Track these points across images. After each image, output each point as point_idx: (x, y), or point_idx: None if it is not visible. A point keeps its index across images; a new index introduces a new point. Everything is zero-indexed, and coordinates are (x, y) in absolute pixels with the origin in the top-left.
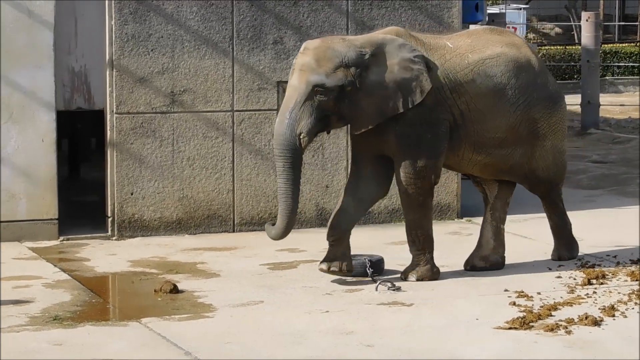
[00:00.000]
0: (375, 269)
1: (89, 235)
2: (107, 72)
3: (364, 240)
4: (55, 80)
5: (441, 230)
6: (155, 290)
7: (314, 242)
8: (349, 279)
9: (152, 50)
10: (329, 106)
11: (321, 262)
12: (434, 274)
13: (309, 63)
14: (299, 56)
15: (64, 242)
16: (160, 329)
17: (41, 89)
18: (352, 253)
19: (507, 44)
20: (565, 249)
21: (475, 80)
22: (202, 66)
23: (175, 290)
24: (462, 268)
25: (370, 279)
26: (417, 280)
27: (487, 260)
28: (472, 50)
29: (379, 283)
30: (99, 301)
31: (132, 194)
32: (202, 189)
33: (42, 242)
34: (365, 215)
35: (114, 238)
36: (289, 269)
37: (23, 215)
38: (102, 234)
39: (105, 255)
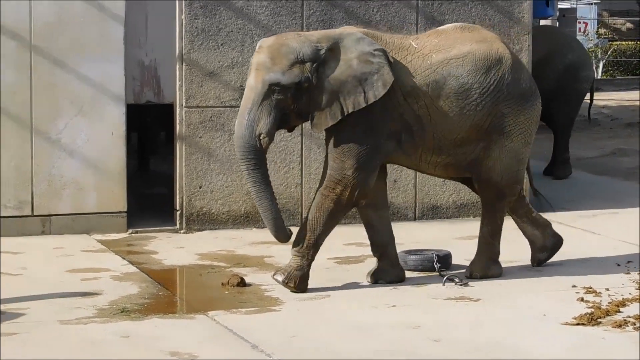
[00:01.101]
0: (442, 263)
1: (157, 228)
2: (177, 66)
3: (432, 235)
4: (125, 74)
5: (506, 225)
6: (222, 284)
7: None
8: (415, 273)
9: (221, 45)
10: (287, 104)
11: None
12: (299, 285)
13: (264, 61)
14: (255, 55)
15: (133, 234)
16: (227, 322)
17: (111, 82)
18: (419, 248)
19: (477, 41)
20: (479, 267)
21: (437, 81)
22: None
23: (242, 283)
24: (529, 263)
25: (437, 273)
26: (284, 282)
27: (546, 249)
28: (438, 50)
29: (446, 278)
30: (166, 294)
31: (200, 188)
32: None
33: (111, 235)
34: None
35: (182, 231)
36: (355, 263)
37: (92, 208)
38: (170, 227)
39: (173, 248)
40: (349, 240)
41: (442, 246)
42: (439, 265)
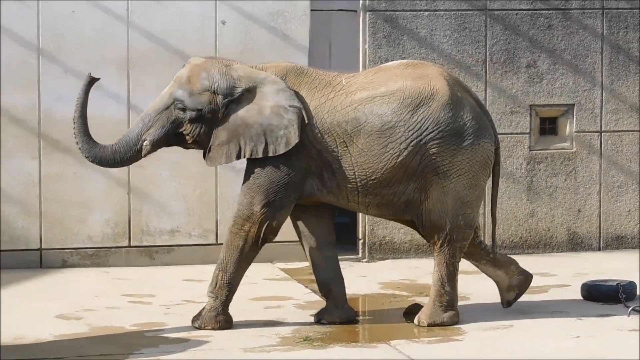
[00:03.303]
0: (627, 294)
1: (340, 256)
2: None
3: (615, 265)
4: None
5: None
6: (404, 312)
7: (565, 266)
8: (600, 304)
9: None
10: (185, 125)
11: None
12: (217, 326)
13: (181, 77)
14: (182, 68)
15: None
16: (409, 351)
17: None
18: (604, 278)
19: (413, 78)
20: (426, 314)
21: (358, 119)
22: None
23: None
24: None
25: (622, 304)
26: (199, 327)
27: (513, 288)
28: (365, 87)
29: (632, 309)
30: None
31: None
32: None
33: (294, 263)
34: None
35: (364, 260)
36: (539, 293)
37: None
38: (352, 256)
39: (355, 277)
40: (532, 271)
41: (627, 277)
42: (623, 296)
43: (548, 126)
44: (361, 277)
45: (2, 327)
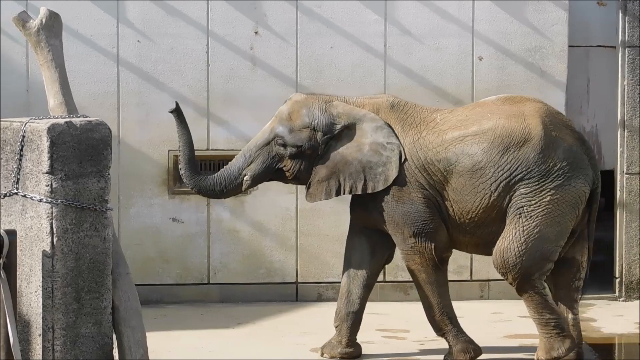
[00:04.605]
0: None
1: (596, 295)
2: (618, 133)
3: None
4: None
5: None
6: None
7: None
8: None
9: None
10: (285, 161)
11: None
12: (468, 354)
13: (283, 112)
14: (283, 104)
15: None
16: None
17: None
18: None
19: (508, 116)
20: (541, 349)
21: (449, 159)
22: None
23: None
24: None
25: None
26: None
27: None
28: (458, 126)
29: None
30: None
31: None
32: None
33: None
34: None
35: (621, 299)
36: None
37: None
38: (609, 295)
39: (611, 316)
40: None
41: None
42: None
43: None
44: (618, 317)
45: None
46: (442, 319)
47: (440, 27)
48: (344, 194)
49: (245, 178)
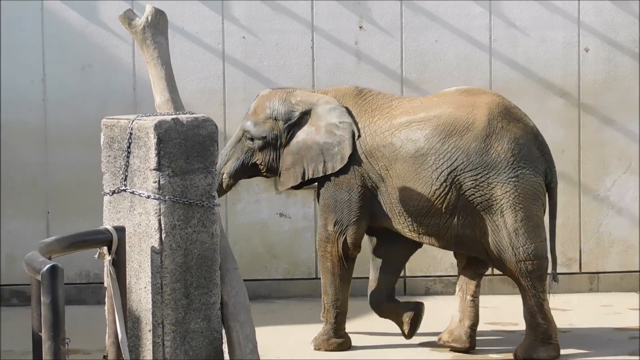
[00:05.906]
0: None
1: None
2: None
3: None
4: None
5: None
6: None
7: None
8: None
9: None
10: (256, 155)
11: None
12: (331, 349)
13: (250, 108)
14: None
15: None
16: None
17: None
18: None
19: (458, 106)
20: (523, 348)
21: (394, 143)
22: None
23: None
24: None
25: None
26: (315, 349)
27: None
28: (409, 112)
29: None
30: None
31: None
32: None
33: None
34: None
35: None
36: None
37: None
38: None
39: None
40: None
41: None
42: None
43: None
44: None
45: (375, 352)
46: (330, 310)
47: (545, 19)
48: (309, 177)
49: (224, 177)
